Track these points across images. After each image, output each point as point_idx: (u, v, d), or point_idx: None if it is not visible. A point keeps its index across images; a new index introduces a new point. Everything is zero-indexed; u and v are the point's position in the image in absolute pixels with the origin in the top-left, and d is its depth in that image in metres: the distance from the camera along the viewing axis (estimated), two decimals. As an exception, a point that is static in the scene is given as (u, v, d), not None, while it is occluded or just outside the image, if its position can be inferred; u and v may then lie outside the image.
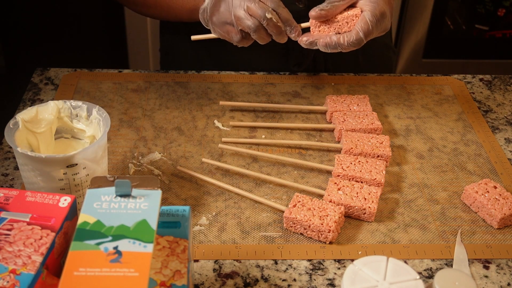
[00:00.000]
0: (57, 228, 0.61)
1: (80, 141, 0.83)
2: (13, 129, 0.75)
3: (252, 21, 0.87)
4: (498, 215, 0.81)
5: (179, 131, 0.97)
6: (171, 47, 1.19)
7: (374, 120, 0.96)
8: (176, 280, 0.59)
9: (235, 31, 0.90)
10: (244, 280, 0.74)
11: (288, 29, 0.89)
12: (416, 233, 0.81)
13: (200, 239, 0.79)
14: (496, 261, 0.78)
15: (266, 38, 0.90)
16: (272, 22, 0.87)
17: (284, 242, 0.79)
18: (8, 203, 0.63)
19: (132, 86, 1.07)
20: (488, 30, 2.18)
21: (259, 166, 0.91)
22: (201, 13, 0.94)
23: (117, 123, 0.98)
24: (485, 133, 1.00)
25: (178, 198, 0.84)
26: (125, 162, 0.90)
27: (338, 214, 0.78)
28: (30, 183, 0.75)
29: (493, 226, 0.82)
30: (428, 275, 0.75)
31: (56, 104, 0.80)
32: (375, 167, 0.87)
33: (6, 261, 0.57)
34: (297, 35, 0.89)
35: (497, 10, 2.15)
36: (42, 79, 1.08)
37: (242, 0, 0.87)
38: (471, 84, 1.13)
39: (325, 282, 0.74)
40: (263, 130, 0.98)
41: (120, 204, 0.59)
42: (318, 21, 0.88)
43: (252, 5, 0.86)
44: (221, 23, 0.90)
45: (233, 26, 0.89)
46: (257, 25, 0.87)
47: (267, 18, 0.86)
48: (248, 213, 0.83)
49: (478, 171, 0.92)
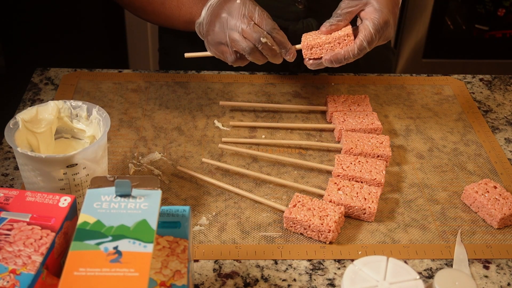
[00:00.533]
0: (57, 228, 0.61)
1: (80, 141, 0.83)
2: (13, 129, 0.75)
3: (246, 44, 0.87)
4: (498, 215, 0.81)
5: (179, 131, 0.97)
6: (170, 47, 1.19)
7: (374, 120, 0.96)
8: (176, 280, 0.59)
9: (229, 52, 0.90)
10: (244, 280, 0.74)
11: (283, 51, 0.89)
12: (416, 233, 0.81)
13: (200, 239, 0.79)
14: (496, 261, 0.78)
15: (262, 59, 0.90)
16: (267, 46, 0.86)
17: (284, 242, 0.79)
18: (8, 203, 0.63)
19: (132, 86, 1.07)
20: (488, 30, 2.18)
21: (259, 166, 0.91)
22: (197, 26, 0.94)
23: (117, 123, 0.98)
24: (485, 133, 1.00)
25: (178, 198, 0.84)
26: (125, 162, 0.90)
27: (338, 214, 0.78)
28: (30, 183, 0.75)
29: (493, 226, 0.82)
30: (428, 275, 0.75)
31: (56, 104, 0.80)
32: (375, 167, 0.87)
33: (6, 261, 0.57)
34: (292, 57, 0.89)
35: (497, 10, 2.15)
36: (42, 79, 1.08)
37: (237, 21, 0.87)
38: (471, 84, 1.13)
39: (325, 282, 0.74)
40: (263, 130, 0.98)
41: (120, 204, 0.59)
42: (309, 45, 0.89)
43: (247, 28, 0.86)
44: (216, 43, 0.90)
45: (228, 47, 0.89)
46: (251, 47, 0.87)
47: (262, 42, 0.86)
48: (248, 213, 0.83)
49: (478, 171, 0.92)
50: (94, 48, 2.03)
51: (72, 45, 1.93)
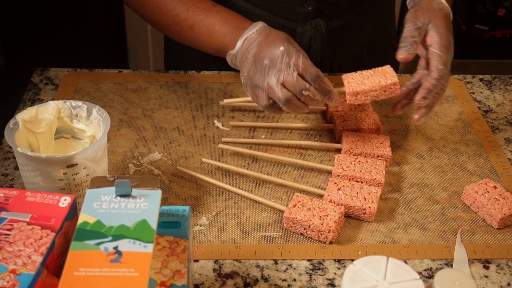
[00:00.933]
0: (57, 228, 0.61)
1: (80, 141, 0.83)
2: (13, 129, 0.75)
3: (282, 94, 0.82)
4: (498, 215, 0.81)
5: (179, 131, 0.97)
6: (174, 46, 1.19)
7: (374, 120, 0.96)
8: (176, 280, 0.59)
9: (264, 97, 0.85)
10: (244, 280, 0.74)
11: (326, 97, 0.84)
12: (416, 233, 0.81)
13: (200, 239, 0.79)
14: (496, 261, 0.78)
15: (297, 110, 0.84)
16: (308, 97, 0.82)
17: (284, 242, 0.79)
18: (8, 203, 0.63)
19: (132, 86, 1.07)
20: (488, 30, 2.18)
21: (259, 166, 0.91)
22: (230, 57, 0.91)
23: (117, 123, 0.98)
24: (485, 133, 1.00)
25: (178, 198, 0.84)
26: (125, 162, 0.90)
27: (338, 214, 0.78)
28: (30, 183, 0.75)
29: (493, 226, 0.82)
30: (428, 275, 0.75)
31: (56, 104, 0.80)
32: (375, 167, 0.87)
33: (6, 261, 0.57)
34: (335, 102, 0.85)
35: (497, 10, 2.15)
36: (42, 79, 1.08)
37: (280, 71, 0.82)
38: (471, 84, 1.13)
39: (325, 282, 0.74)
40: (263, 130, 0.98)
41: (120, 204, 0.59)
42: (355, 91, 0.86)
43: (290, 79, 0.81)
44: (253, 85, 0.86)
45: (264, 92, 0.84)
46: (287, 98, 0.82)
47: (304, 95, 0.82)
48: (248, 213, 0.83)
49: (478, 171, 0.92)
50: (94, 48, 2.03)
51: (72, 45, 1.93)
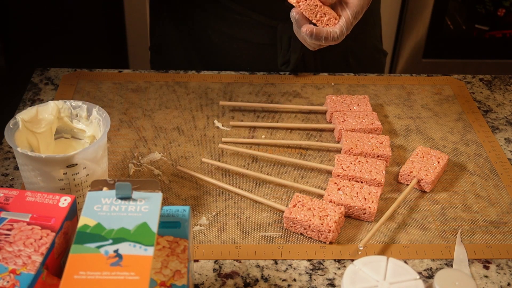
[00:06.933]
0: (57, 228, 0.61)
1: (80, 141, 0.83)
2: (13, 129, 0.75)
3: None
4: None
5: (179, 131, 0.97)
6: (162, 44, 1.18)
7: (374, 120, 0.96)
8: (176, 280, 0.59)
9: None
10: (244, 280, 0.74)
11: None
12: (416, 233, 0.81)
13: (200, 239, 0.79)
14: (496, 261, 0.78)
15: None
16: None
17: (284, 242, 0.79)
18: (8, 203, 0.63)
19: (132, 86, 1.07)
20: (488, 30, 2.18)
21: (259, 166, 0.91)
22: None
23: (117, 123, 0.98)
24: (485, 133, 1.00)
25: (178, 198, 0.84)
26: (125, 162, 0.90)
27: (338, 214, 0.78)
28: (30, 183, 0.75)
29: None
30: (428, 275, 0.75)
31: (56, 104, 0.80)
32: (375, 167, 0.87)
33: (6, 261, 0.57)
34: None
35: (497, 10, 2.15)
36: (42, 79, 1.08)
37: None
38: (471, 84, 1.13)
39: (325, 282, 0.74)
40: (263, 130, 0.98)
41: (121, 207, 0.59)
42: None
43: None
44: None
45: None
46: None
47: None
48: (248, 213, 0.83)
49: (478, 171, 0.92)
50: (94, 48, 2.02)
51: (72, 45, 1.93)
